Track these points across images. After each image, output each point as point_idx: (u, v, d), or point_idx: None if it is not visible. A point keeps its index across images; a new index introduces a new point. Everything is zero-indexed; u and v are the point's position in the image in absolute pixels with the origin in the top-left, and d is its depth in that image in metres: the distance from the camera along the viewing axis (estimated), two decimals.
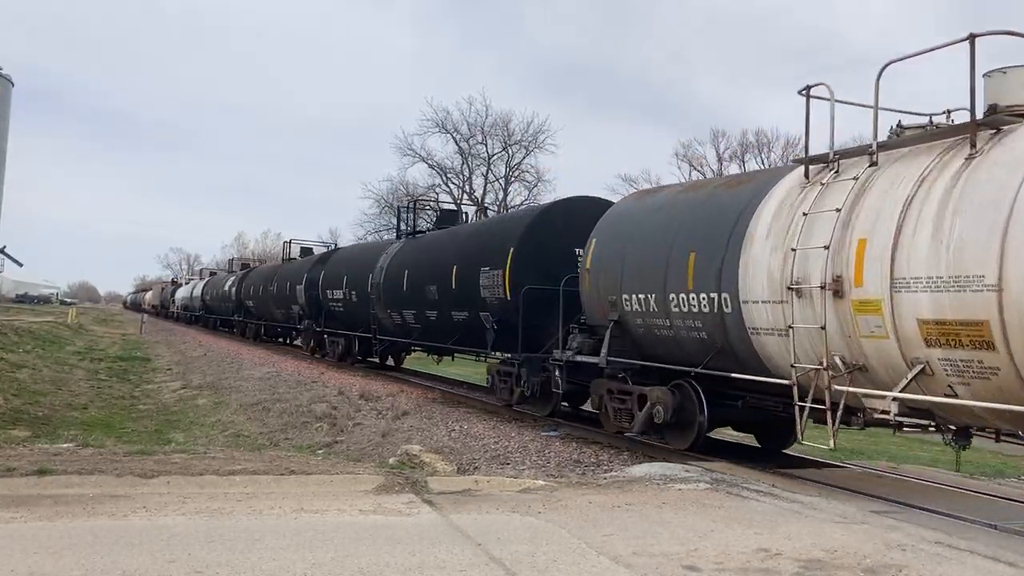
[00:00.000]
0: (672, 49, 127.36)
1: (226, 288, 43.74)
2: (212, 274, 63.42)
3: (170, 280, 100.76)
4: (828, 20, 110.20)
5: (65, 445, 9.71)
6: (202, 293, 53.18)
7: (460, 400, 17.10)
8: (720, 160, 60.68)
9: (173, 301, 70.40)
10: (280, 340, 37.30)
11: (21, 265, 56.42)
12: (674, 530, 6.25)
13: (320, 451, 12.37)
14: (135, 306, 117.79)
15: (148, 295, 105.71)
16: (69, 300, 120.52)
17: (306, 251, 35.79)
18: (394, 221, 57.84)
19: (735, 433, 13.16)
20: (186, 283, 72.48)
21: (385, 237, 43.66)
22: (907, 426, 8.12)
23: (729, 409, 10.50)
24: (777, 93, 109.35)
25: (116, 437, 13.60)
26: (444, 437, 13.00)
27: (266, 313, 34.92)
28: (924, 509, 7.73)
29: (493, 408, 15.72)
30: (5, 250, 51.51)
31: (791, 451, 11.49)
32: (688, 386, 10.32)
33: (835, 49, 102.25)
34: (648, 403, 10.68)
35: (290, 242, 36.67)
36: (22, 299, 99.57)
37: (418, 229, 21.31)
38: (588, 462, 10.75)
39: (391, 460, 11.24)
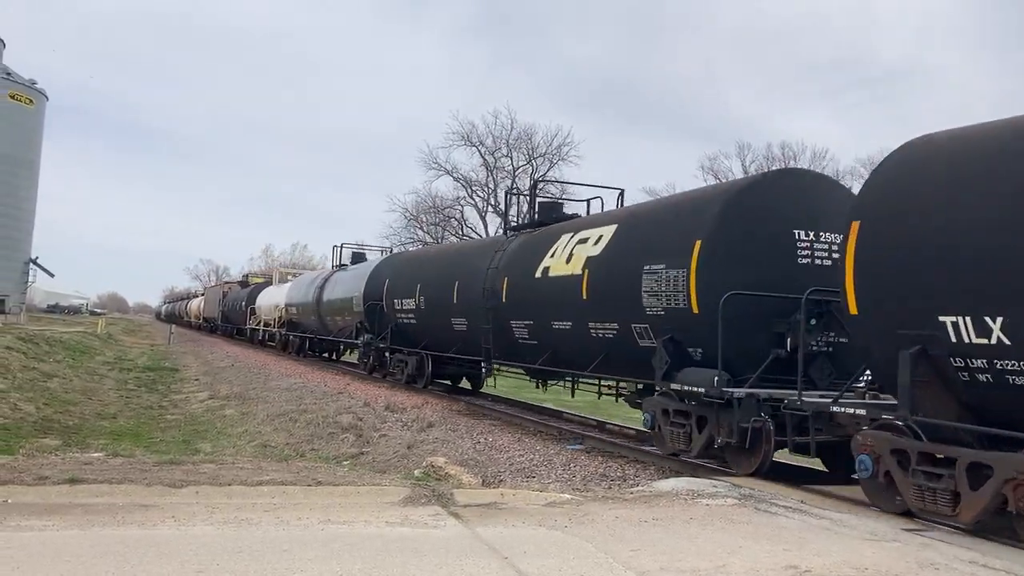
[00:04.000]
0: (702, 63, 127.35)
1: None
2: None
3: (240, 279, 69.59)
4: (862, 33, 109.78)
5: (95, 454, 9.82)
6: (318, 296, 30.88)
7: (485, 413, 17.07)
8: (746, 173, 60.39)
9: (252, 314, 45.22)
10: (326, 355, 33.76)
11: (52, 276, 57.48)
12: (702, 545, 6.19)
13: (346, 462, 12.41)
14: (171, 318, 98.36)
15: (195, 304, 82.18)
16: (98, 311, 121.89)
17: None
18: (419, 234, 58.29)
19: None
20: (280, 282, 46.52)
21: (410, 249, 43.55)
22: None
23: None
24: (808, 106, 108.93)
25: (145, 447, 13.74)
26: (469, 449, 12.99)
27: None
28: (957, 528, 7.60)
29: (518, 421, 15.67)
30: (37, 261, 52.45)
31: (819, 466, 11.31)
32: None
33: (869, 61, 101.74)
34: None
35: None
36: (53, 309, 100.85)
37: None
38: (614, 476, 10.70)
39: (416, 472, 11.25)
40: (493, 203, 59.48)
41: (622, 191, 15.48)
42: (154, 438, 16.17)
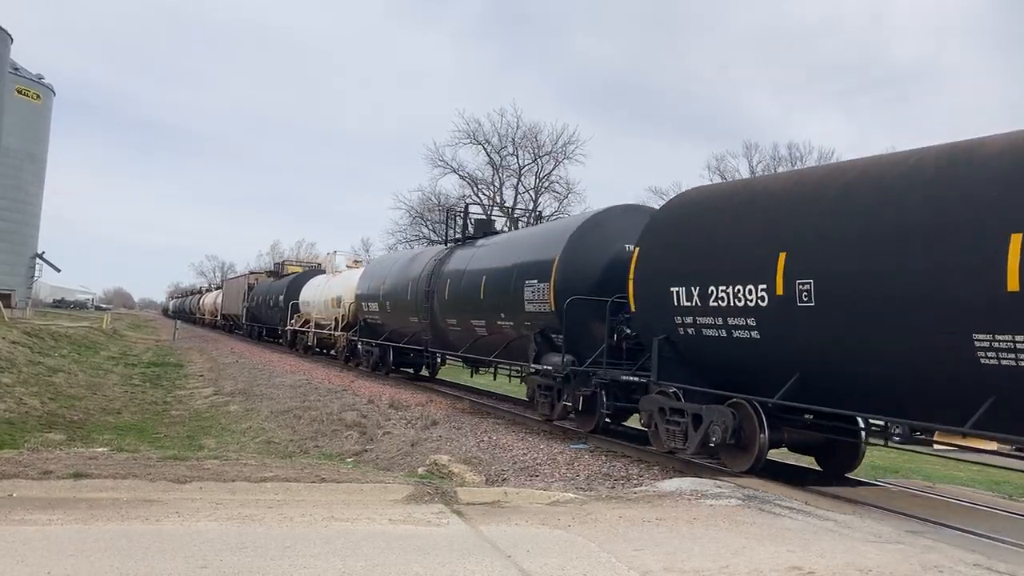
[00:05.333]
0: (715, 64, 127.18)
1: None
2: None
3: (269, 269, 53.06)
4: (875, 35, 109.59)
5: (100, 449, 9.85)
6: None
7: (488, 411, 17.09)
8: (753, 173, 60.33)
9: (294, 311, 35.09)
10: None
11: (59, 271, 57.76)
12: (705, 546, 6.18)
13: (350, 459, 12.42)
14: (180, 315, 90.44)
15: (209, 299, 71.36)
16: (104, 306, 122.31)
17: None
18: (424, 231, 58.30)
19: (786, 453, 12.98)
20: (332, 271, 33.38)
21: (415, 247, 43.44)
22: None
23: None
24: (820, 107, 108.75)
25: (149, 442, 13.78)
26: (473, 447, 12.99)
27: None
28: (962, 530, 7.59)
29: (522, 420, 15.70)
30: (44, 256, 52.63)
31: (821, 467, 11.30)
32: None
33: (883, 63, 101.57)
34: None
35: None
36: (59, 304, 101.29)
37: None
38: (618, 475, 10.69)
39: (420, 470, 11.26)
40: (499, 201, 59.49)
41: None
42: (158, 434, 16.21)
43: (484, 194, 59.84)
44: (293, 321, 35.72)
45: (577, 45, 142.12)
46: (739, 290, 9.56)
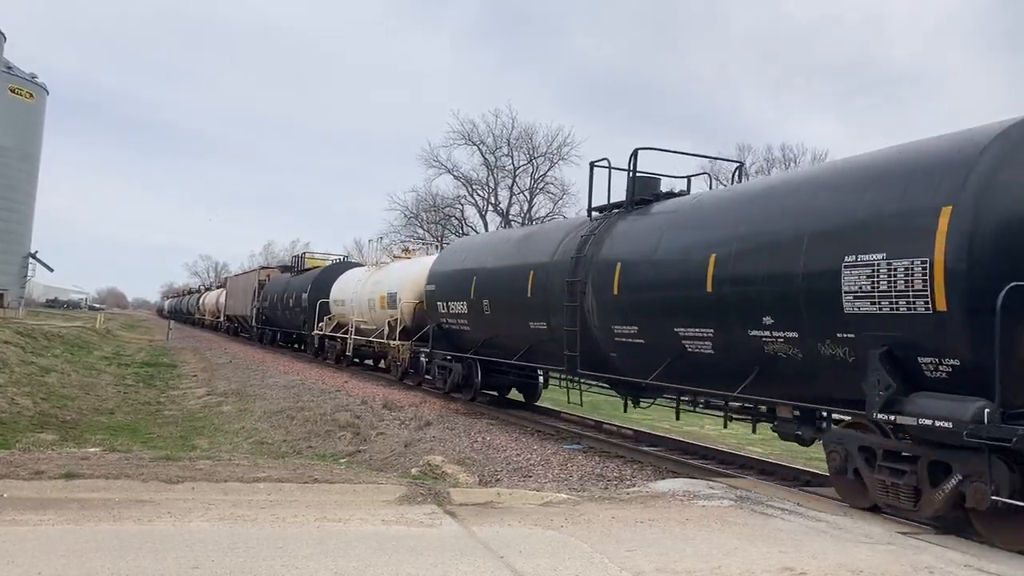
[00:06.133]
0: (715, 65, 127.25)
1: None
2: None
3: (284, 263, 49.19)
4: (875, 35, 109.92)
5: (92, 449, 9.82)
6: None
7: (482, 412, 17.09)
8: (746, 174, 60.47)
9: (323, 313, 29.22)
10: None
11: (52, 270, 57.58)
12: (698, 547, 6.19)
13: (343, 460, 12.41)
14: (176, 315, 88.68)
15: (211, 298, 65.68)
16: (97, 306, 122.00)
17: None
18: (419, 232, 58.26)
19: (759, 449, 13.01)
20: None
21: (414, 248, 43.16)
22: None
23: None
24: (817, 109, 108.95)
25: (142, 442, 13.75)
26: (466, 448, 13.00)
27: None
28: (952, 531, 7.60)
29: (515, 420, 15.72)
30: (37, 255, 52.48)
31: (819, 469, 11.32)
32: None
33: (881, 65, 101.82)
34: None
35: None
36: (52, 304, 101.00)
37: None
38: (611, 476, 10.71)
39: (413, 470, 11.26)
40: (493, 202, 59.50)
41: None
42: (151, 434, 16.17)
43: (479, 195, 59.90)
44: (322, 325, 28.93)
45: (577, 46, 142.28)
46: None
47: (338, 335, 27.75)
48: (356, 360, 27.74)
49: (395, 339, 21.96)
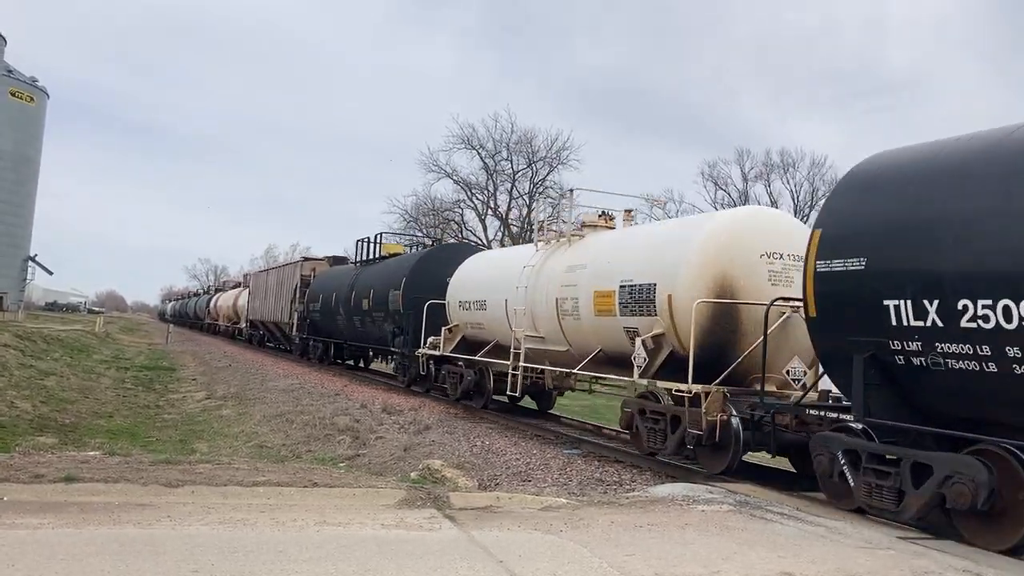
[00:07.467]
0: (714, 70, 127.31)
1: None
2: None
3: (357, 246, 28.80)
4: (874, 42, 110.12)
5: (92, 453, 9.82)
6: None
7: (482, 416, 17.09)
8: (745, 180, 60.62)
9: (441, 321, 18.36)
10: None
11: (51, 273, 57.56)
12: (697, 551, 6.20)
13: (342, 464, 12.40)
14: (180, 319, 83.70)
15: (227, 300, 55.47)
16: (97, 309, 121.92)
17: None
18: (418, 235, 58.31)
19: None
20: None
21: (411, 251, 43.32)
22: None
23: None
24: (817, 114, 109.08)
25: (141, 446, 13.74)
26: (466, 452, 13.00)
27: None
28: (952, 537, 7.61)
29: (514, 424, 15.72)
30: (36, 258, 52.47)
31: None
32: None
33: (878, 71, 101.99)
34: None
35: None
36: (51, 307, 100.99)
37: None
38: (610, 481, 10.71)
39: (413, 474, 11.25)
40: (493, 206, 59.52)
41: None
42: (151, 437, 16.16)
43: (478, 199, 59.90)
44: (435, 341, 18.57)
45: (577, 52, 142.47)
46: None
47: (476, 358, 17.02)
48: (515, 396, 16.78)
49: (660, 375, 11.03)
